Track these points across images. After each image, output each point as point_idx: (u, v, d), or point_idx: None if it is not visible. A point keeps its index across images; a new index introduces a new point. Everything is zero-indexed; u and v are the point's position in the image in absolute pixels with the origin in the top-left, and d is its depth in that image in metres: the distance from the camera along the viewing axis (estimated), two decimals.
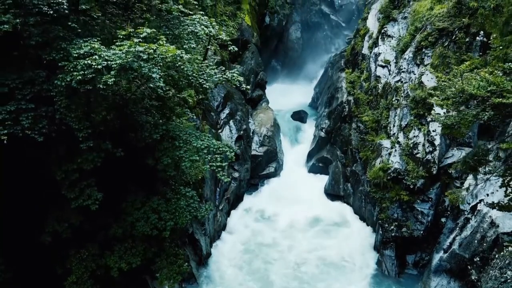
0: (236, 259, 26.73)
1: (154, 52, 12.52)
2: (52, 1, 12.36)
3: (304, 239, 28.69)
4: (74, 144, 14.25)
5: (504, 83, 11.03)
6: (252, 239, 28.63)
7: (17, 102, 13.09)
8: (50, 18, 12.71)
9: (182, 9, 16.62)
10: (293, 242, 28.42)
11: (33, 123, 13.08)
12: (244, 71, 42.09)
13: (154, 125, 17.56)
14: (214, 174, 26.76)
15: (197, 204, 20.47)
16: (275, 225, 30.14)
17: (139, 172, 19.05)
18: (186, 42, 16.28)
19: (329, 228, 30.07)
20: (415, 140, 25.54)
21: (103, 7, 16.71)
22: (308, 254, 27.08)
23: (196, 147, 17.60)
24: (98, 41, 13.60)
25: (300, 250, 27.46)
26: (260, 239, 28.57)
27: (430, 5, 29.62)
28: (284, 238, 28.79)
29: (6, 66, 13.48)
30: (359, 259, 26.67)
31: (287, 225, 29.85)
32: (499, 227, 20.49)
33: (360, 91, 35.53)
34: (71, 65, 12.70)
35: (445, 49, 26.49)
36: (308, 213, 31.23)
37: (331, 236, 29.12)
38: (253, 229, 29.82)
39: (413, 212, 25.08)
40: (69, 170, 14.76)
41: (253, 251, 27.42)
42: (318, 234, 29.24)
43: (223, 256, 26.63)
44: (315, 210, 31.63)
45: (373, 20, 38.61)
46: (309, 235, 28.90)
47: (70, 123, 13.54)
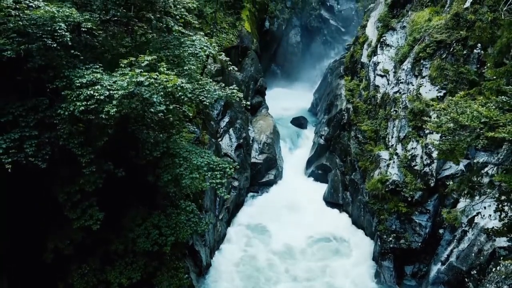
0: (235, 270, 26.92)
1: (156, 81, 12.75)
2: (55, 34, 12.58)
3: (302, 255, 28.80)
4: (76, 167, 14.47)
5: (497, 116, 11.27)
6: (251, 251, 28.79)
7: (21, 129, 13.34)
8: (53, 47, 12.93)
9: (182, 30, 16.84)
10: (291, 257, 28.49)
11: (37, 150, 13.33)
12: (244, 78, 42.30)
13: (154, 143, 17.78)
14: None
15: (197, 218, 20.73)
16: (274, 236, 30.18)
17: (140, 188, 19.28)
18: (186, 63, 16.50)
19: (328, 245, 29.92)
20: (413, 152, 25.77)
21: (104, 25, 16.90)
22: (307, 273, 27.18)
23: (196, 165, 17.80)
24: (100, 67, 13.86)
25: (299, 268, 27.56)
26: (259, 251, 28.66)
27: (429, 16, 29.82)
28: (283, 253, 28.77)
29: (10, 92, 13.72)
30: (357, 270, 26.89)
31: (286, 237, 29.84)
32: (496, 240, 20.70)
33: (359, 99, 35.76)
34: (74, 94, 12.94)
35: (443, 61, 26.69)
36: (307, 225, 31.27)
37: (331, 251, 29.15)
38: (253, 239, 29.98)
39: (411, 224, 25.32)
40: (71, 191, 15.01)
41: (252, 263, 27.58)
42: (317, 250, 29.17)
43: (223, 267, 26.83)
44: (314, 221, 31.72)
45: (372, 28, 38.83)
46: (309, 251, 28.89)
47: (73, 149, 13.78)
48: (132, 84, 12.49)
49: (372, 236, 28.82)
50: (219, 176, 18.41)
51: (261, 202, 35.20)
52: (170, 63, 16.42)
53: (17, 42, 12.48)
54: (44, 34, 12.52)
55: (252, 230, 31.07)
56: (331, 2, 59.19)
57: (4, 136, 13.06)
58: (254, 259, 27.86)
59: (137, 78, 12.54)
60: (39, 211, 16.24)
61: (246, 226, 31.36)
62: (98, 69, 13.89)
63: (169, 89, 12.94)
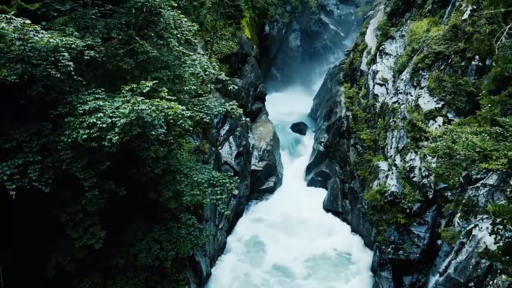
0: (235, 280, 27.14)
1: (157, 108, 12.96)
2: (59, 64, 12.80)
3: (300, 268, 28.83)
4: (78, 187, 14.69)
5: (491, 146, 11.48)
6: (250, 261, 29.00)
7: (24, 154, 13.57)
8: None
9: (183, 50, 17.05)
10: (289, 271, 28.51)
11: (40, 174, 13.56)
12: (243, 84, 42.51)
13: (155, 159, 17.98)
14: None
15: (197, 232, 20.96)
16: (273, 249, 30.20)
17: (141, 203, 19.50)
18: (187, 83, 16.72)
19: (327, 257, 29.93)
20: (412, 163, 25.96)
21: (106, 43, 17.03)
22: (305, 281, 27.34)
23: (197, 181, 18.01)
24: (102, 91, 14.08)
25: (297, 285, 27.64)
26: (258, 262, 28.89)
27: (427, 26, 29.97)
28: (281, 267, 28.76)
29: (14, 116, 13.94)
30: (355, 281, 27.12)
31: (284, 250, 29.84)
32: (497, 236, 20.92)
33: (358, 107, 35.97)
34: (77, 121, 13.16)
35: (441, 72, 26.86)
36: (306, 234, 31.51)
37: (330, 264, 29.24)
38: (252, 252, 30.11)
39: (409, 235, 25.53)
40: (73, 211, 15.24)
41: (252, 273, 27.79)
42: (316, 263, 29.17)
43: (223, 277, 27.06)
44: (313, 230, 31.93)
45: (371, 36, 39.00)
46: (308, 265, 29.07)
47: (76, 173, 14.00)
48: (134, 112, 12.72)
49: (371, 246, 29.03)
50: (219, 192, 18.62)
51: (261, 210, 35.39)
52: (171, 83, 16.62)
53: (21, 68, 12.67)
54: (48, 65, 12.74)
55: (251, 242, 31.01)
56: (331, 7, 59.38)
57: (8, 162, 13.29)
58: (251, 274, 27.92)
59: (139, 106, 12.76)
60: (41, 229, 16.42)
61: (245, 238, 31.43)
62: (100, 94, 14.11)
63: (170, 117, 13.15)
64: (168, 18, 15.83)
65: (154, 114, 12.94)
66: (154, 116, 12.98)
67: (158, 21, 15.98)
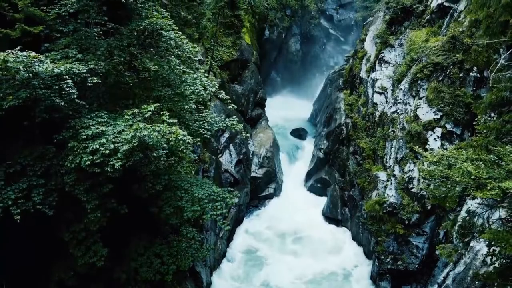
0: None
1: (159, 134, 13.18)
2: (63, 93, 13.02)
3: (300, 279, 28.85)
4: (81, 207, 14.90)
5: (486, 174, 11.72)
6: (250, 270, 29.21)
7: (28, 178, 13.79)
8: None
9: (184, 69, 17.26)
10: None
11: (44, 197, 13.78)
12: (243, 91, 42.74)
13: (156, 175, 18.19)
14: None
15: (198, 245, 21.14)
16: (272, 261, 30.20)
17: (142, 218, 19.70)
18: (187, 101, 16.93)
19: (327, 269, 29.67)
20: (410, 174, 26.19)
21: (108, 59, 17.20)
22: None
23: (198, 197, 18.21)
24: (105, 114, 14.31)
25: None
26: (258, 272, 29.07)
27: (426, 36, 30.20)
28: None
29: (18, 139, 14.16)
30: None
31: (283, 263, 29.76)
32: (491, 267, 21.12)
33: (357, 115, 36.20)
34: (80, 146, 13.38)
35: (439, 83, 27.07)
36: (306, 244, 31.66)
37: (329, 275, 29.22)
38: (252, 259, 30.34)
39: (408, 246, 25.76)
40: (76, 230, 15.47)
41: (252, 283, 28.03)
42: (315, 274, 29.14)
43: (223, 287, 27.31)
44: (312, 239, 32.10)
45: (371, 43, 39.22)
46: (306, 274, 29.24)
47: (79, 195, 14.23)
48: (136, 138, 12.94)
49: (370, 255, 29.24)
50: (220, 207, 18.83)
51: (260, 218, 35.56)
52: (172, 101, 16.84)
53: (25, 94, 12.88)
54: (52, 93, 12.96)
55: (249, 256, 31.04)
56: (331, 12, 59.61)
57: (13, 186, 13.52)
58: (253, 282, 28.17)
59: (141, 132, 12.97)
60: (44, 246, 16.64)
61: (244, 248, 31.56)
62: (103, 117, 14.33)
63: (172, 142, 13.37)
64: (169, 39, 16.03)
65: (156, 140, 13.16)
66: (156, 141, 13.20)
67: (159, 42, 16.18)
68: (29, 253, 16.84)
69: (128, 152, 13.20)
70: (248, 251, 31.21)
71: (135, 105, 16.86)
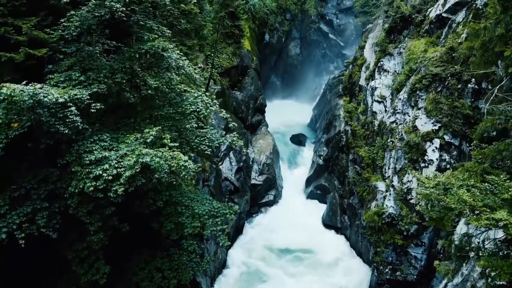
0: None
1: (161, 159, 13.41)
2: (67, 120, 13.25)
3: None
4: (84, 226, 15.14)
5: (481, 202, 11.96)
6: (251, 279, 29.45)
7: (32, 202, 14.03)
8: None
9: (185, 88, 17.49)
10: None
11: (48, 221, 14.03)
12: (244, 97, 42.97)
13: (157, 192, 18.41)
14: None
15: (198, 258, 21.38)
16: (272, 268, 30.67)
17: (143, 232, 19.94)
18: (188, 121, 17.18)
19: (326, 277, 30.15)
20: (409, 185, 26.42)
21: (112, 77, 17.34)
22: None
23: (198, 213, 18.44)
24: (107, 137, 14.56)
25: None
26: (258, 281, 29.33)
27: (424, 47, 30.38)
28: None
29: (22, 162, 14.39)
30: None
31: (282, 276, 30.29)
32: (489, 279, 21.36)
33: (357, 123, 36.45)
34: (84, 172, 13.62)
35: (438, 94, 27.28)
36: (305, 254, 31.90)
37: None
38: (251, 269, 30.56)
39: (407, 257, 26.00)
40: (79, 249, 15.71)
41: None
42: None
43: None
44: (312, 249, 32.31)
45: (370, 51, 39.45)
46: None
47: (82, 217, 14.47)
48: (139, 164, 13.18)
49: (369, 264, 29.48)
50: (220, 223, 19.07)
51: (260, 226, 35.79)
52: (174, 120, 17.08)
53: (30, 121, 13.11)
54: (57, 121, 13.18)
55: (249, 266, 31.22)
56: (330, 16, 59.83)
57: (17, 210, 13.76)
58: None
59: (143, 158, 13.21)
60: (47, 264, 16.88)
61: (245, 255, 31.83)
62: (106, 140, 14.57)
63: (173, 168, 13.61)
64: (171, 61, 16.25)
65: (157, 165, 13.40)
66: (158, 166, 13.44)
67: (160, 63, 16.41)
68: (32, 270, 17.07)
69: (131, 178, 13.45)
70: (247, 263, 31.32)
71: (137, 123, 17.09)
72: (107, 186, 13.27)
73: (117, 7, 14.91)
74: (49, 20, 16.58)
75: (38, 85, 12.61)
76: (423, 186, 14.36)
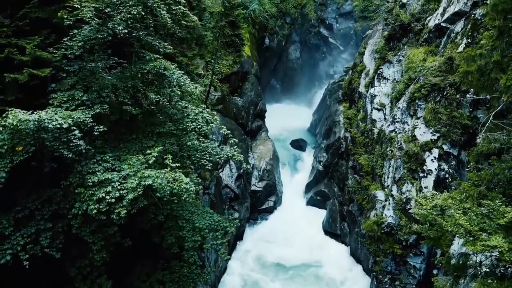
0: None
1: (162, 182, 13.64)
2: (71, 145, 13.47)
3: None
4: (86, 245, 15.36)
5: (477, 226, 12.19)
6: None
7: (36, 222, 14.27)
8: None
9: (186, 105, 17.71)
10: None
11: (51, 241, 14.26)
12: (244, 103, 43.13)
13: (158, 206, 18.61)
14: None
15: (199, 269, 21.63)
16: (271, 283, 30.66)
17: (145, 246, 20.16)
18: (189, 138, 17.41)
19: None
20: (408, 195, 26.62)
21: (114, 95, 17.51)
22: None
23: (198, 227, 18.68)
24: (110, 157, 14.78)
25: None
26: None
27: (423, 56, 30.58)
28: None
29: (26, 182, 14.62)
30: None
31: None
32: None
33: (356, 130, 36.66)
34: (87, 194, 13.85)
35: (436, 104, 27.48)
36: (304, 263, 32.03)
37: None
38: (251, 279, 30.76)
39: (406, 266, 26.21)
40: (82, 266, 15.94)
41: None
42: None
43: None
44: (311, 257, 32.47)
45: (370, 58, 39.63)
46: None
47: (85, 237, 14.71)
48: (141, 187, 13.41)
49: (368, 272, 29.69)
50: (220, 237, 19.33)
51: (260, 232, 35.92)
52: (175, 137, 17.31)
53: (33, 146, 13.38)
54: (61, 145, 13.41)
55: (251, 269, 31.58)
56: (330, 21, 59.96)
57: (21, 231, 13.99)
58: None
59: (146, 181, 13.45)
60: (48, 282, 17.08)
61: (245, 264, 31.99)
62: (108, 160, 14.79)
63: (175, 191, 13.84)
64: (172, 80, 16.46)
65: (159, 187, 13.64)
66: (160, 188, 13.68)
67: (162, 81, 16.62)
68: None
69: (133, 200, 13.67)
70: (246, 275, 31.46)
71: (138, 140, 17.29)
72: (110, 209, 13.49)
73: (119, 29, 15.11)
74: (52, 38, 16.81)
75: (43, 113, 12.82)
76: (420, 207, 14.56)
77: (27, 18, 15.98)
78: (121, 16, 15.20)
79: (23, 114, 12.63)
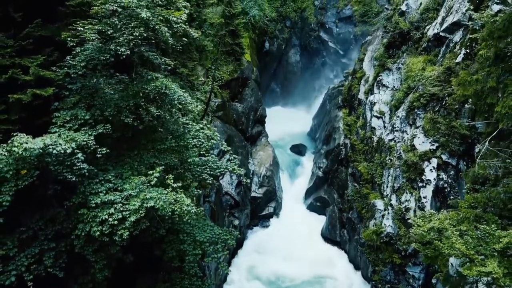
0: None
1: (164, 203, 13.87)
2: (74, 168, 13.69)
3: None
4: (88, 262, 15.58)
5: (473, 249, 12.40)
6: None
7: (40, 242, 14.48)
8: None
9: (187, 121, 17.92)
10: None
11: (55, 260, 14.47)
12: (244, 109, 43.35)
13: (159, 221, 18.83)
14: None
15: (200, 281, 21.80)
16: None
17: (146, 259, 20.37)
18: (190, 154, 17.63)
19: None
20: (407, 204, 26.82)
21: None
22: None
23: (199, 241, 18.90)
24: (112, 176, 14.99)
25: None
26: None
27: (422, 65, 30.77)
28: None
29: (30, 202, 14.82)
30: None
31: None
32: None
33: (356, 137, 36.87)
34: (90, 215, 14.06)
35: (435, 113, 27.66)
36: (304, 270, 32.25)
37: None
38: None
39: (404, 276, 26.44)
40: (84, 282, 16.15)
41: None
42: None
43: None
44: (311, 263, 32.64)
45: (369, 64, 39.82)
46: None
47: (88, 256, 14.92)
48: (143, 209, 13.64)
49: (368, 279, 29.91)
50: (221, 249, 19.54)
51: (260, 239, 36.13)
52: (177, 153, 17.52)
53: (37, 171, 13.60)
54: (64, 169, 13.63)
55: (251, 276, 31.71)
56: (330, 25, 60.13)
57: (25, 252, 14.21)
58: None
59: (148, 203, 13.68)
60: None
61: (245, 271, 32.19)
62: (111, 180, 15.00)
63: (177, 212, 14.06)
64: (173, 98, 16.66)
65: (161, 208, 13.87)
66: (161, 209, 13.90)
67: (164, 98, 16.82)
68: None
69: (136, 221, 13.89)
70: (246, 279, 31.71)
71: (139, 156, 17.48)
72: (112, 230, 13.71)
73: (121, 51, 15.31)
74: (55, 55, 17.00)
75: (47, 139, 13.01)
76: (418, 228, 14.78)
77: (30, 37, 16.15)
78: (123, 38, 15.39)
79: (27, 139, 12.82)
